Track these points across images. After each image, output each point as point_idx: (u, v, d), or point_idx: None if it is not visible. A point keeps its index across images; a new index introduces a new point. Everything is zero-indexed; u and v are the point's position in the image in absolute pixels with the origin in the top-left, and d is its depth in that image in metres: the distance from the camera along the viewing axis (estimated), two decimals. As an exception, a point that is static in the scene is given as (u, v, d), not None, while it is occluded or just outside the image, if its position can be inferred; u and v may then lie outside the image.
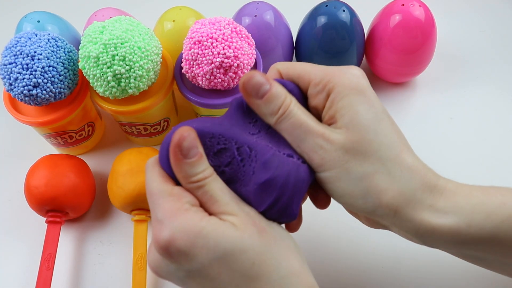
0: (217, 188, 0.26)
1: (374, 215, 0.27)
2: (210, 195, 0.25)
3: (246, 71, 0.38)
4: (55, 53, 0.38)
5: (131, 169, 0.39)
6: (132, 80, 0.37)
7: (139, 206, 0.39)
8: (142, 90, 0.39)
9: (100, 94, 0.38)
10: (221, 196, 0.25)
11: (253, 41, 0.40)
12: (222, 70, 0.37)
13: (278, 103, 0.26)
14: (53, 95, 0.38)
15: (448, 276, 0.37)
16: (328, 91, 0.27)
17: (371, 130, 0.26)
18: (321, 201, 0.30)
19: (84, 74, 0.38)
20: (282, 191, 0.25)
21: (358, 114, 0.26)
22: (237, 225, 0.25)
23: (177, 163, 0.25)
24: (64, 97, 0.40)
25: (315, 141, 0.26)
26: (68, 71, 0.39)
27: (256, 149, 0.26)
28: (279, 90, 0.27)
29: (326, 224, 0.41)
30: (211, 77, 0.38)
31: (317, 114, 0.28)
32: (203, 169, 0.25)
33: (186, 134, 0.25)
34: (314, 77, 0.27)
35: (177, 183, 0.26)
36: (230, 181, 0.27)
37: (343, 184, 0.26)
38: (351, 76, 0.27)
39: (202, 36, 0.37)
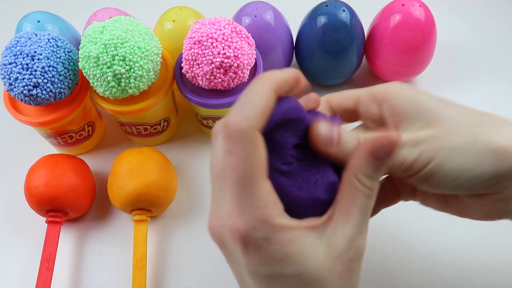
0: None
1: (498, 180, 0.24)
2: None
3: (246, 71, 0.38)
4: (55, 53, 0.38)
5: (131, 169, 0.39)
6: (132, 80, 0.37)
7: (139, 206, 0.39)
8: (142, 90, 0.39)
9: (100, 94, 0.38)
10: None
11: (253, 41, 0.40)
12: (222, 70, 0.37)
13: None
14: (53, 95, 0.38)
15: (448, 275, 0.37)
16: (378, 100, 0.27)
17: (448, 109, 0.25)
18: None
19: (84, 74, 0.38)
20: None
21: (424, 103, 0.25)
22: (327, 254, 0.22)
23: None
24: (64, 97, 0.40)
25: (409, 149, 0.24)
26: (68, 71, 0.39)
27: (325, 167, 0.25)
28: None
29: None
30: (211, 77, 0.38)
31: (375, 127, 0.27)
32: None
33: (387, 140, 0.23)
34: (360, 95, 0.27)
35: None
36: (287, 174, 0.24)
37: (454, 161, 0.24)
38: (389, 83, 0.27)
39: (202, 36, 0.37)
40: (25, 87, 0.37)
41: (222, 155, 0.22)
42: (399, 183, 0.30)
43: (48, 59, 0.37)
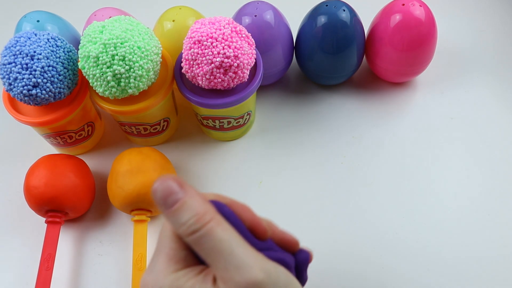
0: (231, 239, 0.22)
1: None
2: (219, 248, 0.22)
3: (246, 71, 0.38)
4: (55, 53, 0.38)
5: (131, 169, 0.39)
6: (132, 80, 0.37)
7: (139, 206, 0.39)
8: (142, 90, 0.39)
9: (99, 94, 0.38)
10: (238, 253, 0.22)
11: (253, 41, 0.40)
12: (222, 70, 0.37)
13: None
14: (52, 95, 0.38)
15: (448, 276, 0.37)
16: None
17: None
18: None
19: (84, 74, 0.38)
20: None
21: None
22: None
23: (166, 216, 0.23)
24: (63, 97, 0.39)
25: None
26: (67, 71, 0.39)
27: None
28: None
29: (327, 225, 0.41)
30: (211, 77, 0.38)
31: None
32: (190, 216, 0.22)
33: (158, 182, 0.23)
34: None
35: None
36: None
37: None
38: None
39: (202, 36, 0.37)
40: (25, 87, 0.37)
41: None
42: None
43: (47, 59, 0.37)
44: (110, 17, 0.39)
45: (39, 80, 0.37)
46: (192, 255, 0.24)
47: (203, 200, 0.23)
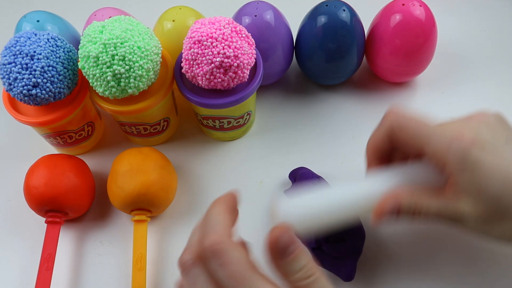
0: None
1: None
2: None
3: (246, 71, 0.38)
4: (55, 52, 0.38)
5: (131, 169, 0.39)
6: (131, 80, 0.37)
7: (139, 206, 0.39)
8: (142, 90, 0.39)
9: (99, 94, 0.38)
10: None
11: (253, 41, 0.40)
12: (222, 70, 0.37)
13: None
14: (52, 95, 0.38)
15: (448, 276, 0.37)
16: (441, 166, 0.29)
17: (501, 199, 0.27)
18: None
19: (84, 74, 0.38)
20: None
21: (481, 187, 0.27)
22: None
23: (275, 263, 0.26)
24: (63, 97, 0.39)
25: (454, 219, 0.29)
26: (67, 71, 0.39)
27: None
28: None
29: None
30: (211, 77, 0.38)
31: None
32: (304, 264, 0.26)
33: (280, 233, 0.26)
34: (427, 150, 0.29)
35: None
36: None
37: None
38: (459, 143, 0.28)
39: (202, 36, 0.37)
40: (25, 87, 0.37)
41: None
42: None
43: (47, 58, 0.37)
44: (110, 17, 0.39)
45: (39, 80, 0.37)
46: None
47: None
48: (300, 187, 0.37)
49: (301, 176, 0.39)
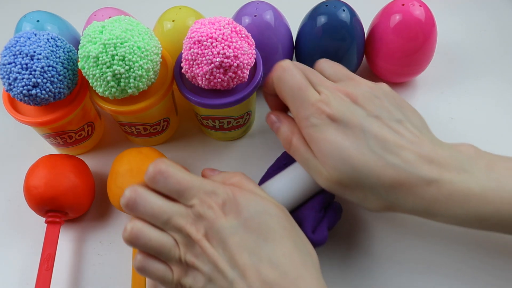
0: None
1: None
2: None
3: (246, 71, 0.38)
4: (55, 53, 0.38)
5: (131, 169, 0.39)
6: (131, 80, 0.37)
7: (139, 206, 0.39)
8: (141, 90, 0.39)
9: (99, 94, 0.38)
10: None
11: (253, 41, 0.40)
12: (222, 70, 0.37)
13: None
14: (52, 95, 0.38)
15: (447, 277, 0.37)
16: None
17: (353, 169, 0.31)
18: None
19: (84, 74, 0.38)
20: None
21: (337, 156, 0.31)
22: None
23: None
24: (63, 97, 0.39)
25: (313, 174, 0.34)
26: (67, 71, 0.39)
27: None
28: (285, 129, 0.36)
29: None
30: (211, 77, 0.38)
31: None
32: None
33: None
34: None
35: None
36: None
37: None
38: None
39: (202, 36, 0.37)
40: (25, 87, 0.37)
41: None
42: None
43: (47, 59, 0.37)
44: (110, 17, 0.39)
45: (39, 80, 0.37)
46: None
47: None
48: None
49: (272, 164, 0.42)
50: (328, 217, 0.36)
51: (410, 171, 0.30)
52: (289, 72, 0.35)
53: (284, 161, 0.40)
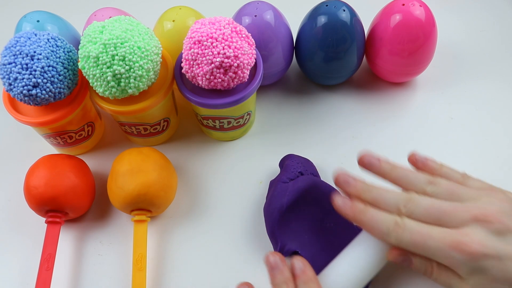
0: None
1: None
2: None
3: (246, 71, 0.38)
4: (55, 53, 0.38)
5: (131, 169, 0.39)
6: (132, 80, 0.37)
7: (139, 206, 0.39)
8: (142, 90, 0.39)
9: (99, 94, 0.38)
10: None
11: (253, 41, 0.40)
12: (222, 70, 0.37)
13: None
14: (52, 95, 0.38)
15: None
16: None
17: None
18: None
19: (84, 74, 0.38)
20: None
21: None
22: None
23: None
24: (63, 97, 0.39)
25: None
26: (67, 71, 0.39)
27: None
28: None
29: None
30: (211, 77, 0.38)
31: None
32: None
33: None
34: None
35: None
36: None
37: None
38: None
39: (202, 36, 0.37)
40: (25, 87, 0.37)
41: None
42: None
43: (47, 59, 0.37)
44: (110, 17, 0.39)
45: (39, 80, 0.37)
46: None
47: None
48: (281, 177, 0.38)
49: (285, 168, 0.40)
50: None
51: None
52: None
53: (299, 169, 0.39)
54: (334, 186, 0.35)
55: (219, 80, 0.38)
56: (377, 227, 0.31)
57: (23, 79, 0.36)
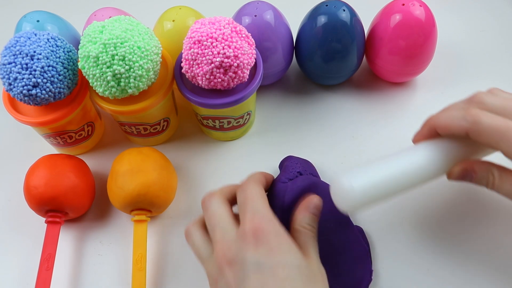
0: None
1: None
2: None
3: (246, 71, 0.38)
4: (55, 52, 0.38)
5: (131, 169, 0.39)
6: (131, 80, 0.37)
7: (139, 206, 0.39)
8: (141, 90, 0.39)
9: (99, 94, 0.38)
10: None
11: (253, 41, 0.40)
12: (222, 70, 0.37)
13: None
14: (52, 95, 0.38)
15: (447, 277, 0.37)
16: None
17: None
18: None
19: (84, 74, 0.38)
20: None
21: None
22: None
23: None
24: (63, 97, 0.39)
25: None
26: (67, 71, 0.39)
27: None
28: None
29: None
30: (211, 77, 0.38)
31: None
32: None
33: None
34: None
35: None
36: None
37: None
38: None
39: (202, 36, 0.37)
40: (25, 87, 0.37)
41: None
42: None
43: (47, 58, 0.37)
44: (110, 17, 0.39)
45: (39, 80, 0.37)
46: None
47: None
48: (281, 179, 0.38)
49: (284, 169, 0.39)
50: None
51: None
52: None
53: (298, 170, 0.39)
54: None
55: (219, 80, 0.38)
56: (451, 114, 0.33)
57: (23, 79, 0.36)
